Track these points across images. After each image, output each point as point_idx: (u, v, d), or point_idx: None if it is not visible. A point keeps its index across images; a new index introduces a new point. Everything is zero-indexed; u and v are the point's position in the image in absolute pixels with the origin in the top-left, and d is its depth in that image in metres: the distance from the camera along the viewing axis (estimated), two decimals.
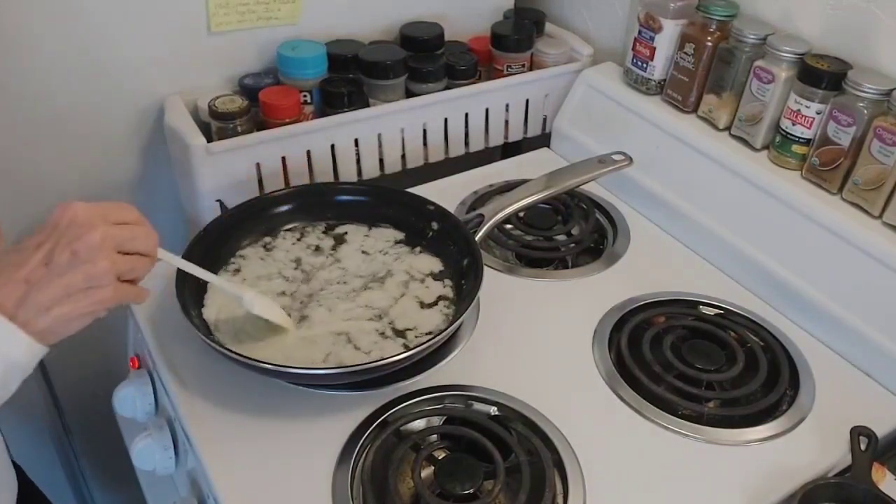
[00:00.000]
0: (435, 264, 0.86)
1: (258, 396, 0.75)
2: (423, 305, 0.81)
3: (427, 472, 0.70)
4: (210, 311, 0.79)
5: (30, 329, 0.55)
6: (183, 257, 0.79)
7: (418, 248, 0.88)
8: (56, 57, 0.88)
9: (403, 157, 1.08)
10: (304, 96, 1.00)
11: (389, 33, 1.10)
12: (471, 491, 0.67)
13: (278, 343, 0.76)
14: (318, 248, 0.88)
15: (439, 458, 0.71)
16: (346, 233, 0.90)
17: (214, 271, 0.83)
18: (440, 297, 0.82)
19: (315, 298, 0.81)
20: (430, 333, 0.77)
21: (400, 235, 0.90)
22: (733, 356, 0.82)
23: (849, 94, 0.82)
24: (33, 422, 1.16)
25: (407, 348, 0.74)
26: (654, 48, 1.00)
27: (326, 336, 0.77)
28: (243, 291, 0.74)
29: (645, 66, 1.02)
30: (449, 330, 0.73)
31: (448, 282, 0.84)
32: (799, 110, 0.86)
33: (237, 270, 0.84)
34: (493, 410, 0.76)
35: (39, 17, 0.85)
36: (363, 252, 0.88)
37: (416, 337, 0.77)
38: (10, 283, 0.54)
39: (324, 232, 0.90)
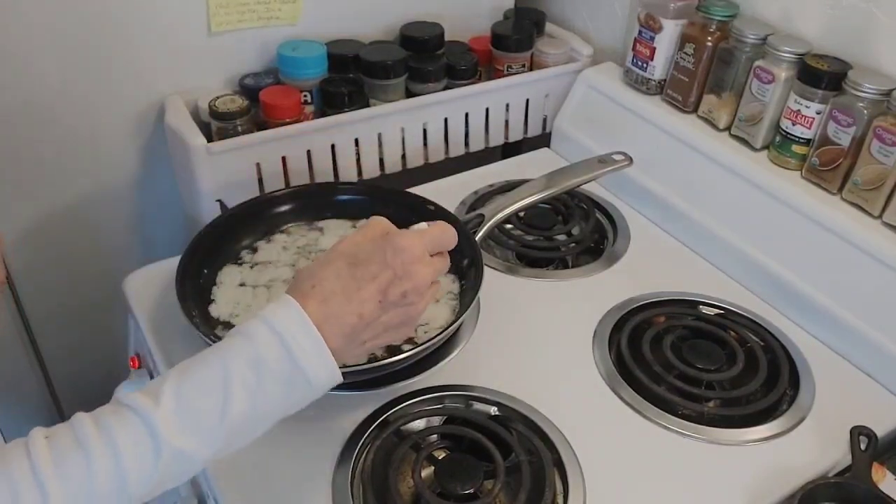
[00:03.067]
0: None
1: None
2: (434, 301, 0.81)
3: (427, 471, 0.70)
4: (222, 308, 0.79)
5: (341, 360, 0.56)
6: (183, 257, 0.79)
7: None
8: (56, 57, 0.88)
9: (403, 157, 1.08)
10: (305, 96, 1.00)
11: (389, 33, 1.10)
12: (471, 491, 0.67)
13: None
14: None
15: (439, 457, 0.71)
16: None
17: (215, 271, 0.83)
18: (448, 292, 0.83)
19: None
20: (440, 327, 0.77)
21: None
22: (733, 356, 0.82)
23: (849, 94, 0.82)
24: (34, 422, 1.16)
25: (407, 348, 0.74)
26: (654, 48, 1.00)
27: None
28: None
29: (645, 66, 1.02)
30: (449, 330, 0.73)
31: (454, 276, 0.85)
32: (799, 110, 0.86)
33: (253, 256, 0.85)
34: (494, 410, 0.76)
35: (39, 16, 0.85)
36: None
37: (424, 332, 0.77)
38: (344, 313, 0.54)
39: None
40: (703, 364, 0.80)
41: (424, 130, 1.08)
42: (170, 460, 0.49)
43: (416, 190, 0.97)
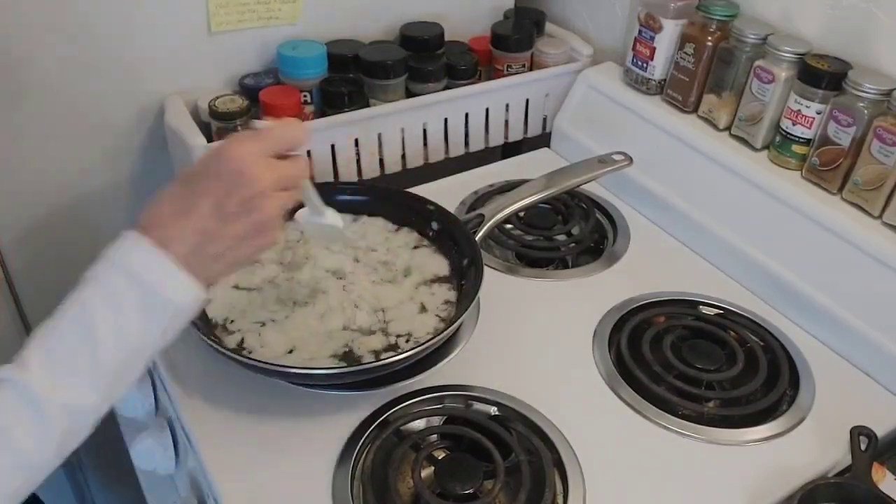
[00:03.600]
0: (443, 267, 0.86)
1: (258, 396, 0.75)
2: (422, 310, 0.81)
3: (427, 471, 0.70)
4: (217, 310, 0.78)
5: (198, 277, 0.55)
6: None
7: (433, 247, 0.88)
8: (56, 57, 0.88)
9: (403, 157, 1.08)
10: (305, 96, 1.00)
11: (389, 33, 1.10)
12: (471, 491, 0.67)
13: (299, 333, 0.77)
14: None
15: (439, 457, 0.71)
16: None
17: None
18: (445, 301, 0.82)
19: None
20: (428, 333, 0.77)
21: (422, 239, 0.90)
22: (733, 356, 0.82)
23: (849, 94, 0.82)
24: None
25: (402, 349, 0.74)
26: (655, 48, 1.00)
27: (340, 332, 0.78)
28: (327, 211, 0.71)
29: (645, 66, 1.02)
30: (449, 330, 0.73)
31: (453, 285, 0.84)
32: (799, 110, 0.86)
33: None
34: (493, 410, 0.76)
35: (39, 16, 0.85)
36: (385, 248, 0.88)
37: (406, 342, 0.77)
38: (183, 232, 0.54)
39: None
40: (703, 364, 0.80)
41: (424, 130, 1.08)
42: (58, 417, 0.50)
43: (416, 190, 0.97)
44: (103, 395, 0.53)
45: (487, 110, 1.12)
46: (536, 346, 0.83)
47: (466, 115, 1.10)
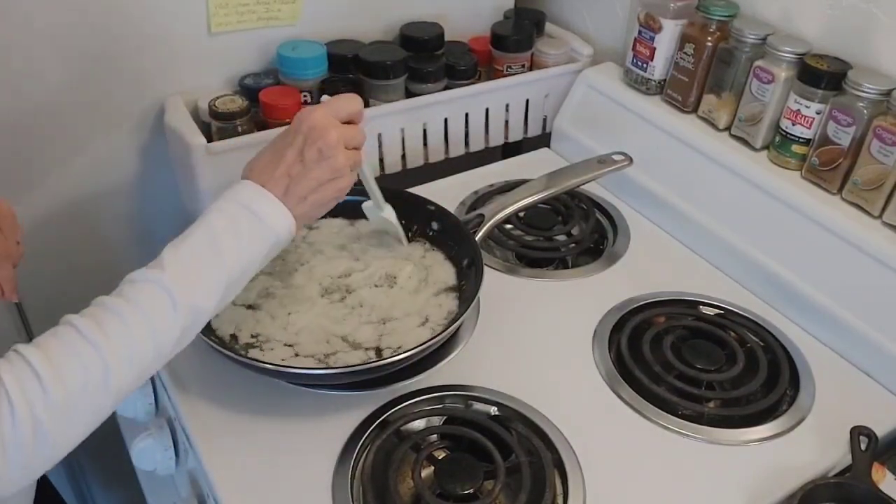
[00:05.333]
0: (451, 275, 0.85)
1: (258, 396, 0.75)
2: (423, 323, 0.79)
3: (427, 472, 0.70)
4: (223, 323, 0.78)
5: (293, 213, 0.67)
6: None
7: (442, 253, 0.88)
8: (57, 56, 0.88)
9: (403, 157, 1.08)
10: (305, 96, 1.00)
11: (389, 33, 1.10)
12: (471, 491, 0.67)
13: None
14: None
15: (439, 458, 0.71)
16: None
17: None
18: (448, 313, 0.80)
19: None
20: (417, 342, 0.75)
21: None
22: (733, 356, 0.82)
23: (849, 94, 0.82)
24: None
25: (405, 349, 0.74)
26: (654, 48, 1.00)
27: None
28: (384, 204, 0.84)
29: (645, 66, 1.02)
30: (449, 330, 0.73)
31: (459, 295, 0.83)
32: (799, 110, 0.86)
33: None
34: (493, 410, 0.76)
35: (40, 17, 0.85)
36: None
37: (392, 353, 0.75)
38: (274, 178, 0.66)
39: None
40: (703, 364, 0.80)
41: (424, 130, 1.08)
42: (185, 315, 0.60)
43: (416, 190, 0.97)
44: (218, 303, 0.62)
45: (487, 110, 1.12)
46: (536, 346, 0.83)
47: (466, 115, 1.10)
